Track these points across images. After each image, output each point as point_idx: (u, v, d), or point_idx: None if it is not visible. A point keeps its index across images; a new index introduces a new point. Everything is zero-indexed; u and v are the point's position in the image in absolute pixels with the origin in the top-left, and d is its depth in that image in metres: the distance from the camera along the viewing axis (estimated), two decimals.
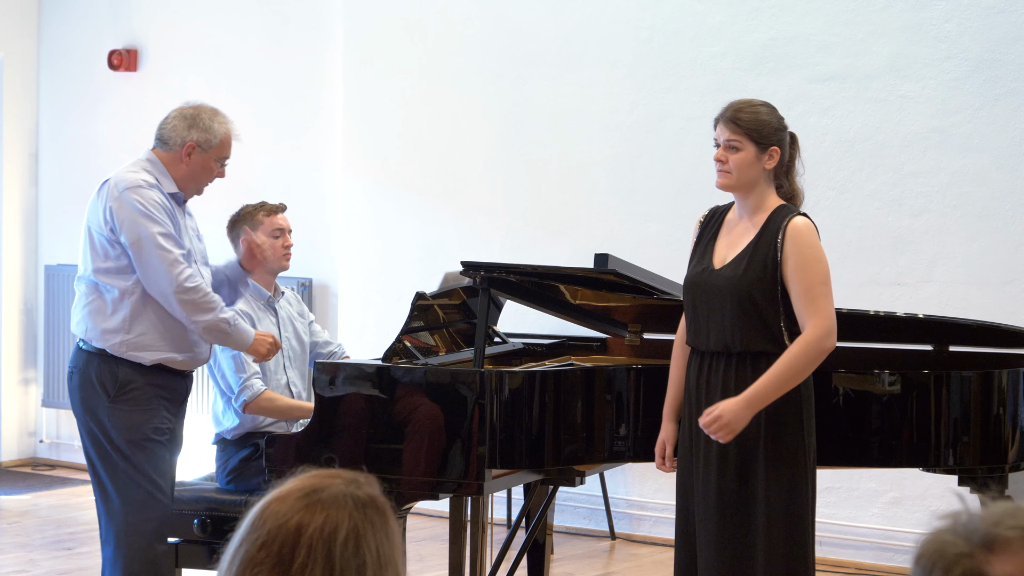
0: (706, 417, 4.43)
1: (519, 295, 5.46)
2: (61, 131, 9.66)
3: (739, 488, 4.51)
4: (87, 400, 5.23)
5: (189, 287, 5.09)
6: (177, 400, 5.32)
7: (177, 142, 5.25)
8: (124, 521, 5.15)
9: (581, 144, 7.95)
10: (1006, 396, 5.10)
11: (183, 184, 5.28)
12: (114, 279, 5.19)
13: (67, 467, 9.53)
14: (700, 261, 4.64)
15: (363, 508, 2.01)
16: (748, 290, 4.49)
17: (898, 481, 7.20)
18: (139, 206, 5.09)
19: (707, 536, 4.56)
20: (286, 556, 1.98)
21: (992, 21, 7.01)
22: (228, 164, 5.37)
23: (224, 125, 5.30)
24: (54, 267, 9.57)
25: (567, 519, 8.03)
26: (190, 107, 5.33)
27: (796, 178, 4.69)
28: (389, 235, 8.52)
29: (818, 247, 4.53)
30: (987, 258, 7.05)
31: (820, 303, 4.47)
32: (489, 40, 8.22)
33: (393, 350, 5.16)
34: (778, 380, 4.43)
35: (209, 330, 5.16)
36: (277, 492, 2.03)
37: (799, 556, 4.55)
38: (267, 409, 5.88)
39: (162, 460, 5.21)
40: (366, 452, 4.95)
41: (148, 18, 9.34)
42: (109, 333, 5.18)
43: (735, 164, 4.56)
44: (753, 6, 7.52)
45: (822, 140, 7.37)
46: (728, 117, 4.60)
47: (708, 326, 4.57)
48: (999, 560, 1.64)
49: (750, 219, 4.60)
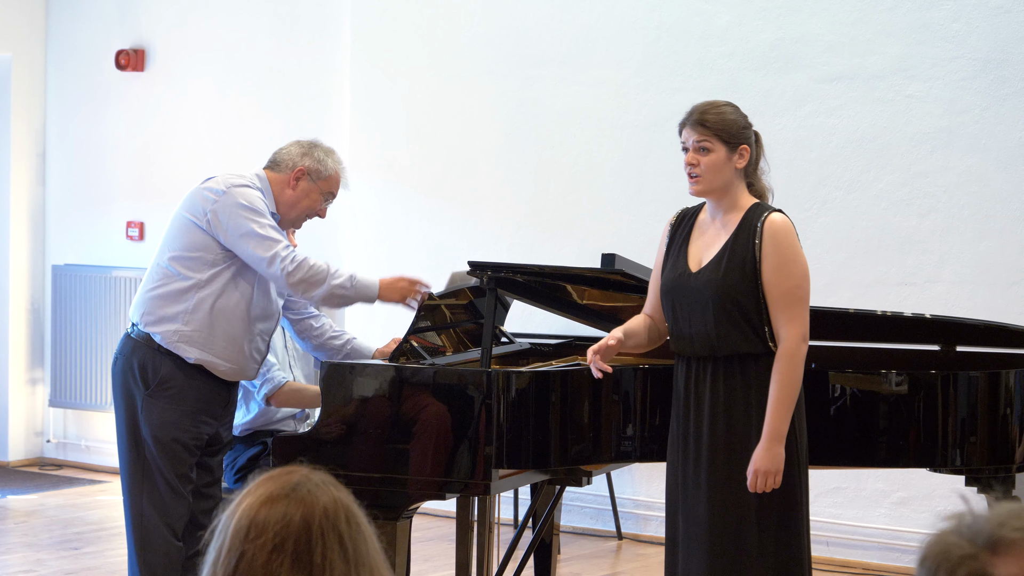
0: (751, 481, 4.42)
1: (526, 295, 5.46)
2: (68, 131, 9.67)
3: (732, 491, 4.50)
4: (126, 388, 5.28)
5: (292, 269, 5.12)
6: (218, 406, 5.34)
7: (288, 165, 5.35)
8: (145, 515, 5.20)
9: (588, 144, 7.95)
10: (1013, 396, 5.10)
11: (284, 209, 5.36)
12: (190, 269, 5.24)
13: (74, 467, 9.54)
14: (675, 266, 4.61)
15: (335, 487, 2.09)
16: (729, 291, 4.47)
17: (905, 481, 7.19)
18: (243, 200, 5.18)
19: (697, 542, 4.54)
20: (303, 552, 2.00)
21: (999, 21, 7.00)
22: (331, 205, 5.45)
23: (337, 164, 5.42)
24: (61, 267, 9.58)
25: (574, 519, 8.03)
26: (308, 140, 5.46)
27: (763, 176, 4.67)
28: (396, 235, 8.53)
29: (796, 246, 4.52)
30: (994, 258, 7.05)
31: (796, 309, 4.46)
32: (496, 40, 8.23)
33: (400, 350, 5.16)
34: (784, 402, 4.43)
35: (328, 300, 5.22)
36: (255, 499, 2.05)
37: (794, 559, 4.54)
38: (293, 400, 5.88)
39: (183, 463, 5.24)
40: (373, 452, 4.96)
41: (156, 18, 9.35)
42: (167, 320, 5.23)
43: (707, 166, 4.54)
44: (760, 6, 7.52)
45: (829, 140, 7.37)
46: (695, 120, 4.57)
47: (691, 331, 4.54)
48: (1003, 561, 1.64)
49: (724, 219, 4.58)
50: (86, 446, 9.57)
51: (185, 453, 5.23)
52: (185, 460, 5.23)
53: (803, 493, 4.56)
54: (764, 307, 4.47)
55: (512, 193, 8.21)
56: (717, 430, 4.51)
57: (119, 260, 9.43)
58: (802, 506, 4.56)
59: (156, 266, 5.31)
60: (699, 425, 4.54)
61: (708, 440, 4.52)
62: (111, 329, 9.32)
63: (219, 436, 5.36)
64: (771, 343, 4.48)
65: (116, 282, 9.31)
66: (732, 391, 4.48)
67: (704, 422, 4.53)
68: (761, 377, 4.47)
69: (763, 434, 4.41)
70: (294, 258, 5.14)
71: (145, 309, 5.27)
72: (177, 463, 5.21)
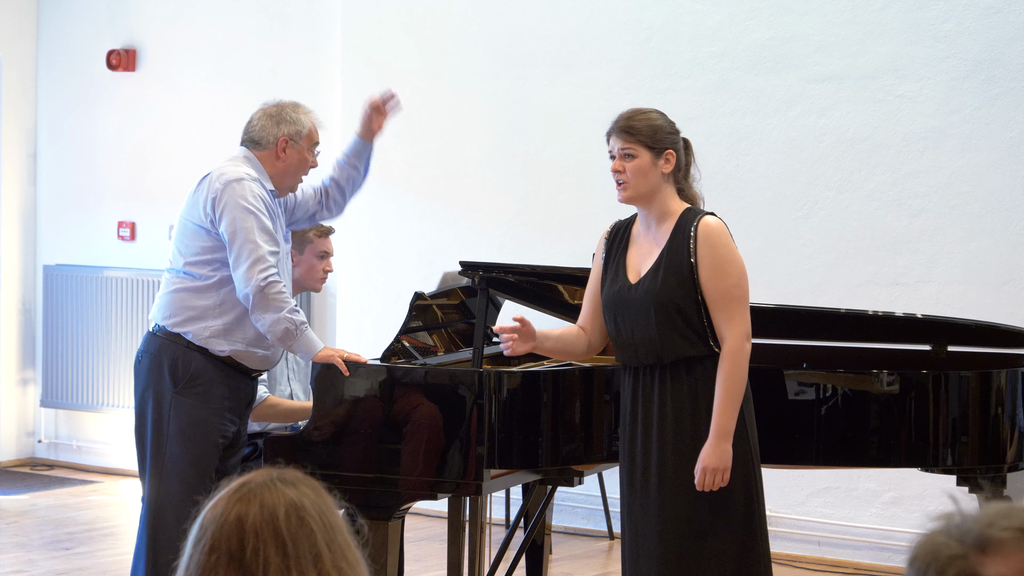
0: (699, 479, 4.43)
1: (518, 295, 5.47)
2: (60, 131, 9.66)
3: (683, 495, 4.48)
4: (153, 385, 5.25)
5: (264, 284, 5.08)
6: (242, 403, 5.33)
7: (270, 140, 5.34)
8: (160, 512, 5.19)
9: (579, 144, 7.95)
10: (1004, 396, 5.11)
11: (279, 181, 5.36)
12: (208, 270, 5.23)
13: (65, 467, 9.53)
14: (615, 279, 4.62)
15: (293, 485, 2.07)
16: (669, 298, 4.48)
17: (897, 481, 7.20)
18: (240, 199, 5.16)
19: (648, 547, 4.53)
20: (236, 550, 2.01)
21: (990, 21, 7.01)
22: (319, 152, 5.44)
23: (308, 115, 5.43)
24: (53, 267, 9.57)
25: (565, 519, 8.02)
26: (271, 105, 5.43)
27: (693, 184, 4.67)
28: (387, 235, 8.52)
29: (731, 246, 4.53)
30: (986, 258, 7.05)
31: (735, 309, 4.48)
32: (487, 40, 8.22)
33: (392, 350, 5.17)
34: (731, 400, 4.44)
35: (275, 326, 5.10)
36: (210, 502, 2.07)
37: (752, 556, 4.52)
38: (270, 415, 5.90)
39: (208, 461, 5.22)
40: (365, 452, 4.96)
41: (147, 18, 9.34)
42: (195, 319, 5.22)
43: (632, 172, 4.55)
44: (752, 6, 7.52)
45: (820, 140, 7.37)
46: (620, 127, 4.59)
47: (634, 341, 4.55)
48: (992, 561, 1.65)
49: (658, 228, 4.59)
50: (77, 446, 9.56)
51: (212, 449, 5.22)
52: (211, 457, 5.21)
53: (757, 490, 4.55)
54: (704, 310, 4.49)
55: (503, 193, 8.21)
56: (666, 435, 4.52)
57: (111, 260, 9.42)
58: (757, 502, 4.55)
59: (172, 272, 5.31)
60: (647, 431, 4.55)
61: (657, 445, 4.53)
62: (103, 329, 9.31)
63: (240, 434, 5.36)
64: (714, 345, 4.49)
65: (107, 282, 9.30)
66: (679, 395, 4.50)
67: (653, 428, 4.54)
68: (706, 379, 4.49)
69: (711, 432, 4.43)
70: (273, 277, 5.12)
71: (170, 311, 5.25)
72: (203, 460, 5.19)
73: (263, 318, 5.10)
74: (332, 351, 5.11)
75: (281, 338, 5.13)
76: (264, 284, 5.08)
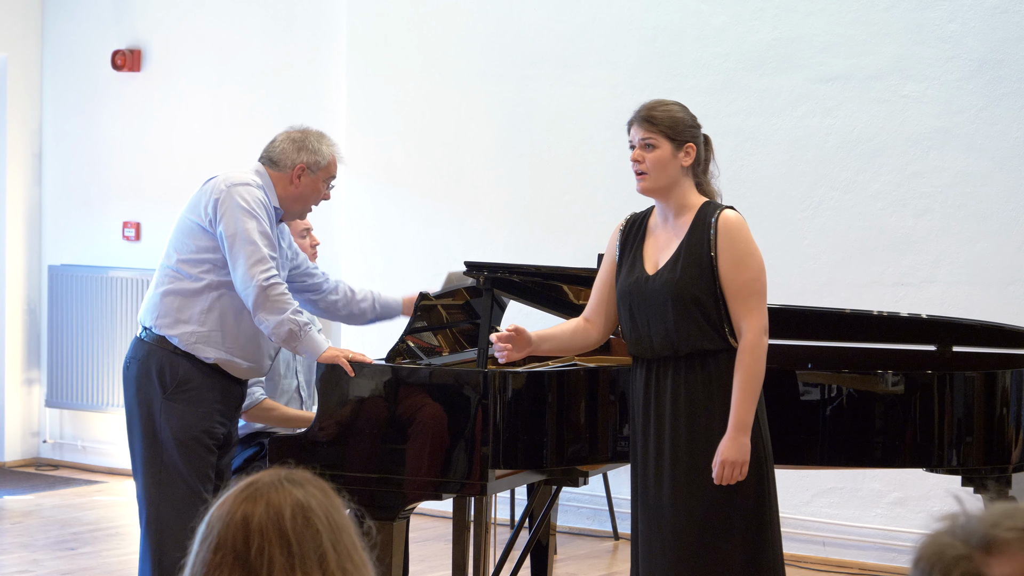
0: (717, 472, 4.42)
1: (522, 295, 5.47)
2: (65, 131, 9.66)
3: (697, 489, 4.48)
4: (142, 391, 5.25)
5: (266, 285, 5.08)
6: (232, 406, 5.34)
7: (287, 164, 5.33)
8: (162, 518, 5.19)
9: (584, 145, 7.95)
10: (1010, 396, 5.10)
11: (287, 204, 5.35)
12: (200, 271, 5.23)
13: (70, 467, 9.54)
14: (632, 271, 4.61)
15: (301, 485, 2.07)
16: (687, 290, 4.47)
17: (902, 481, 7.19)
18: (242, 202, 5.16)
19: (661, 543, 4.51)
20: (241, 549, 2.02)
21: (995, 21, 7.01)
22: (334, 186, 5.45)
23: (331, 148, 5.41)
24: (58, 267, 9.57)
25: (570, 519, 8.03)
26: (297, 130, 5.42)
27: (712, 180, 4.67)
28: (392, 235, 8.52)
29: (751, 240, 4.53)
30: (991, 258, 7.05)
31: (753, 303, 4.47)
32: (492, 41, 8.23)
33: (396, 350, 5.17)
34: (749, 394, 4.44)
35: (278, 328, 5.10)
36: (217, 501, 2.08)
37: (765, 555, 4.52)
38: (264, 417, 5.90)
39: (205, 464, 5.23)
40: (369, 452, 4.96)
41: (152, 19, 9.35)
42: (182, 322, 5.22)
43: (652, 163, 4.55)
44: (756, 6, 7.52)
45: (825, 140, 7.37)
46: (642, 116, 4.60)
47: (650, 332, 4.54)
48: (997, 562, 1.64)
49: (676, 220, 4.59)
50: (82, 446, 9.57)
51: (206, 453, 5.23)
52: (207, 460, 5.23)
53: (770, 489, 4.55)
54: (723, 303, 4.49)
55: (508, 193, 8.21)
56: (679, 428, 4.51)
57: (115, 260, 9.42)
58: (770, 501, 4.54)
59: (164, 268, 5.30)
60: (660, 424, 4.53)
61: (670, 438, 4.52)
62: (107, 329, 9.32)
63: (231, 436, 5.37)
64: (731, 339, 4.49)
65: (112, 282, 9.31)
66: (693, 388, 4.49)
67: (666, 420, 4.52)
68: (721, 373, 4.48)
69: (729, 425, 4.43)
70: (275, 278, 5.13)
71: (158, 312, 5.25)
72: (199, 463, 5.21)
73: (266, 320, 5.10)
74: (337, 351, 5.11)
75: (285, 340, 5.13)
76: (267, 285, 5.08)
